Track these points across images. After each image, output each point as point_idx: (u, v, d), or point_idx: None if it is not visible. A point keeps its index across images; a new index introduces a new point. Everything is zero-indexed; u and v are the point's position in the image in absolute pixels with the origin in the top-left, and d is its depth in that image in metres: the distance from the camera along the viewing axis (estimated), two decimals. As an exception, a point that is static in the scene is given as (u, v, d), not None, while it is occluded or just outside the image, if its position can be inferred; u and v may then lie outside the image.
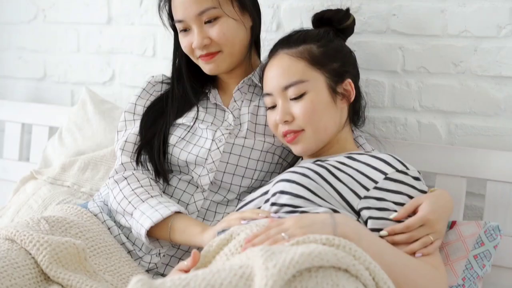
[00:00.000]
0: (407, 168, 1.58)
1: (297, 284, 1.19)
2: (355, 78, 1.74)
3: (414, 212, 1.51)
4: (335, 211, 1.50)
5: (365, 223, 1.52)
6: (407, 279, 1.41)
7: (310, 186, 1.53)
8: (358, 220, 1.52)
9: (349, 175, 1.56)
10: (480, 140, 1.89)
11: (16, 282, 1.41)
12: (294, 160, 1.86)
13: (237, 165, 1.77)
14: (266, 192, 1.62)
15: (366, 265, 1.29)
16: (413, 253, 1.47)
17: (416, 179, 1.57)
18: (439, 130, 1.94)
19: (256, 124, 1.82)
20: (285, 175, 1.59)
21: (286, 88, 1.64)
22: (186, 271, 1.41)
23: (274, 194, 1.57)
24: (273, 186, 1.59)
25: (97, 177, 2.09)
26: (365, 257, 1.30)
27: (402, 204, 1.52)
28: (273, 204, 1.56)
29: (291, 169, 1.61)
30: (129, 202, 1.70)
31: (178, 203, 1.78)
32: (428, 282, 1.43)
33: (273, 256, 1.19)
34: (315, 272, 1.22)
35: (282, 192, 1.55)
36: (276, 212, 1.55)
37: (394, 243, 1.48)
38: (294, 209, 1.52)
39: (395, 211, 1.51)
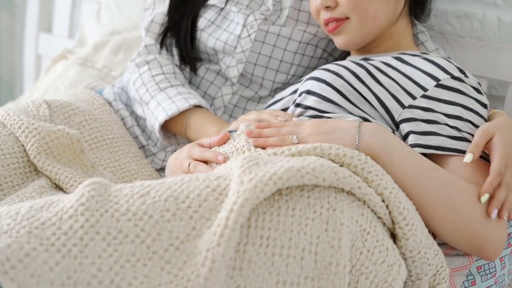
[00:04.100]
0: (466, 76, 1.29)
1: (282, 204, 0.98)
2: (417, -42, 1.43)
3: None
4: (367, 120, 1.25)
5: (404, 138, 1.26)
6: (450, 206, 1.14)
7: (342, 88, 1.29)
8: (392, 128, 1.27)
9: (392, 79, 1.29)
10: None
11: (-2, 172, 1.28)
12: (343, 55, 1.59)
13: (270, 57, 1.53)
14: (295, 91, 1.39)
15: (379, 190, 1.05)
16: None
17: (476, 90, 1.28)
18: (522, 30, 1.60)
19: (299, 10, 1.55)
20: (316, 73, 1.34)
21: None
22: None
23: (300, 94, 1.34)
24: (302, 84, 1.36)
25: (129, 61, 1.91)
26: (379, 180, 1.06)
27: (455, 117, 1.24)
28: (297, 105, 1.34)
29: (325, 65, 1.36)
30: (147, 90, 1.52)
31: (204, 96, 1.58)
32: (478, 211, 1.15)
33: (255, 168, 0.98)
34: (308, 192, 1.00)
35: (308, 92, 1.32)
36: (299, 115, 1.33)
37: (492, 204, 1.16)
38: (319, 114, 1.30)
39: (446, 124, 1.23)
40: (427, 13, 1.50)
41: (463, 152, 1.20)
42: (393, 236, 1.10)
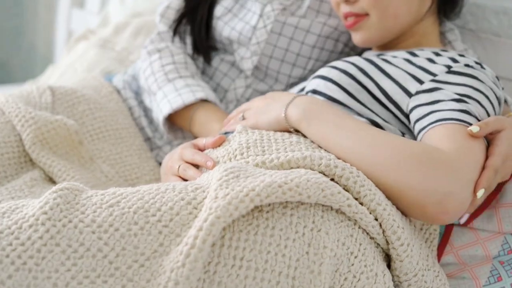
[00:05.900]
0: (482, 67, 1.18)
1: (262, 222, 0.91)
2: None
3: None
4: (375, 123, 1.16)
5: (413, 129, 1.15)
6: (376, 165, 1.01)
7: (349, 87, 1.20)
8: (403, 131, 1.16)
9: (402, 69, 1.19)
10: None
11: (-10, 161, 1.24)
12: (364, 50, 1.50)
13: (287, 50, 1.45)
14: (303, 89, 1.31)
15: (372, 206, 0.97)
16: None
17: (493, 82, 1.17)
18: None
19: (321, 1, 1.46)
20: (323, 70, 1.26)
21: None
22: (201, 149, 1.18)
23: (306, 93, 1.26)
24: (309, 82, 1.28)
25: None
26: (372, 195, 0.97)
27: (463, 95, 1.11)
28: (302, 105, 1.26)
29: (333, 62, 1.27)
30: (155, 80, 1.45)
31: (216, 88, 1.50)
32: (410, 165, 0.99)
33: (233, 181, 0.91)
34: (292, 210, 0.92)
35: (314, 92, 1.24)
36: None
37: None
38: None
39: (452, 100, 1.10)
40: (458, 10, 1.39)
41: (462, 121, 1.07)
42: (389, 258, 1.02)
